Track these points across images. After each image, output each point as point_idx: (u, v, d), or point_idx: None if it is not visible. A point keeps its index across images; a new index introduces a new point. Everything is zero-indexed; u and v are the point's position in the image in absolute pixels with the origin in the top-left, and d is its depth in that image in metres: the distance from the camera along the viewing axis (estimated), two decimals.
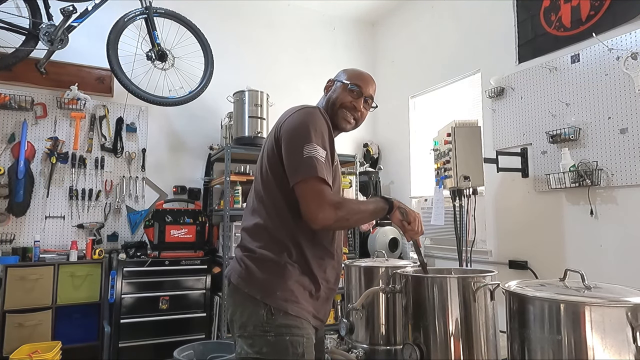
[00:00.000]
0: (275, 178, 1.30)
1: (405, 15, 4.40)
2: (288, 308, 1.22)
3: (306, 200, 1.20)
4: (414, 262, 1.82)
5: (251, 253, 1.30)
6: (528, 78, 3.00)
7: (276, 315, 1.21)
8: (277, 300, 1.22)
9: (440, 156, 2.77)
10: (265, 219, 1.31)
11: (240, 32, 4.17)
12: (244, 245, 1.34)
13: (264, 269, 1.26)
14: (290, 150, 1.25)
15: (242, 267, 1.29)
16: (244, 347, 1.22)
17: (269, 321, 1.20)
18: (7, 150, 3.19)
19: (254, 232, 1.33)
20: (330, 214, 1.19)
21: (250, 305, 1.23)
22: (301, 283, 1.27)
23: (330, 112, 1.43)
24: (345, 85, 1.44)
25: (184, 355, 2.65)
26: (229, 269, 1.36)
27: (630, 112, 2.41)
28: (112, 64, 3.06)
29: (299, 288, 1.26)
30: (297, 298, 1.25)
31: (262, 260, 1.27)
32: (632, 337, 0.83)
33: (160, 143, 3.76)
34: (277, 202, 1.30)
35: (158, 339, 3.08)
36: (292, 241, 1.28)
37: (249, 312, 1.23)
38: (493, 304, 1.13)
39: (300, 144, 1.22)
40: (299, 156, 1.21)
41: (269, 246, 1.28)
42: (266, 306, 1.21)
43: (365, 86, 1.45)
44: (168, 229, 3.26)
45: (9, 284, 2.84)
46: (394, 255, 3.80)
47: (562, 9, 2.78)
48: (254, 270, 1.26)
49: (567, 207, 2.73)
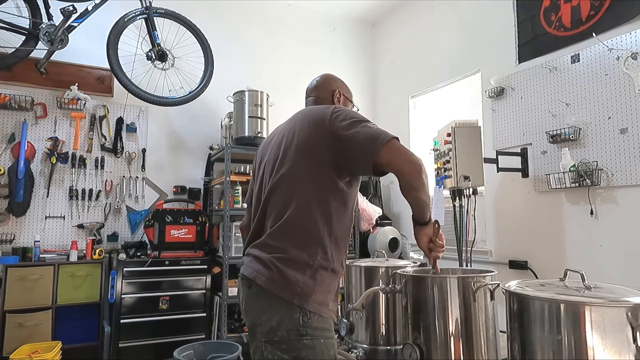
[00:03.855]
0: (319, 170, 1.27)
1: (405, 15, 4.40)
2: (322, 311, 1.22)
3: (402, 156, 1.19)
4: (414, 262, 1.82)
5: (281, 253, 1.24)
6: (528, 78, 3.00)
7: (311, 319, 1.19)
8: (312, 304, 1.20)
9: (440, 156, 2.77)
10: (303, 216, 1.26)
11: (241, 32, 4.17)
12: (269, 243, 1.27)
13: (298, 271, 1.22)
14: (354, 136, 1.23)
15: (271, 269, 1.23)
16: (277, 353, 1.17)
17: (305, 325, 1.18)
18: (7, 150, 3.19)
19: (282, 230, 1.27)
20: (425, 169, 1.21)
21: (282, 309, 1.19)
22: (328, 285, 1.27)
23: None
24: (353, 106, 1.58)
25: (184, 355, 2.65)
26: (251, 270, 1.28)
27: (630, 112, 2.41)
28: (112, 64, 3.06)
29: (327, 290, 1.26)
30: (327, 300, 1.25)
31: (295, 261, 1.23)
32: (632, 337, 0.82)
33: (160, 143, 3.76)
34: (317, 195, 1.26)
35: (158, 339, 3.08)
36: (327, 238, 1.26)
37: (281, 315, 1.19)
38: (493, 304, 1.13)
39: (358, 126, 1.24)
40: (368, 129, 1.22)
41: (302, 246, 1.24)
42: (302, 310, 1.19)
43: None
44: (168, 229, 3.26)
45: (9, 284, 2.83)
46: (394, 255, 3.80)
47: (562, 9, 2.78)
48: (288, 273, 1.21)
49: (567, 207, 2.73)
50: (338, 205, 1.29)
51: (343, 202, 1.31)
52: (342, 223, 1.31)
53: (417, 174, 1.17)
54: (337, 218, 1.28)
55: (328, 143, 1.26)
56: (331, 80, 1.58)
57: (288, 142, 1.34)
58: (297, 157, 1.30)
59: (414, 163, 1.18)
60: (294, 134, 1.33)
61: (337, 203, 1.29)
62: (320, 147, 1.27)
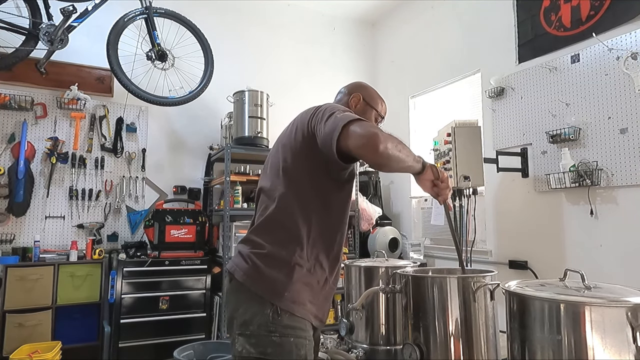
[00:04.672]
0: (302, 169, 1.27)
1: (405, 15, 4.40)
2: (294, 309, 1.20)
3: (357, 134, 1.11)
4: (414, 262, 1.82)
5: (259, 249, 1.26)
6: (528, 78, 3.00)
7: (282, 316, 1.19)
8: (284, 301, 1.20)
9: (440, 156, 2.77)
10: (282, 211, 1.27)
11: (241, 32, 4.17)
12: (251, 239, 1.30)
13: (273, 267, 1.23)
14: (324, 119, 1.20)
15: (248, 264, 1.25)
16: (246, 346, 1.19)
17: (275, 321, 1.18)
18: (7, 150, 3.19)
19: (264, 226, 1.29)
20: (385, 135, 1.11)
21: (255, 304, 1.21)
22: (307, 283, 1.25)
23: None
24: (377, 115, 1.51)
25: (184, 355, 2.65)
26: (232, 264, 1.32)
27: (630, 112, 2.41)
28: (112, 64, 3.06)
29: (305, 289, 1.24)
30: (304, 299, 1.23)
31: (272, 258, 1.24)
32: (632, 337, 0.82)
33: (160, 143, 3.76)
34: (300, 194, 1.27)
35: (158, 339, 3.08)
36: (306, 237, 1.25)
37: (254, 310, 1.21)
38: (493, 304, 1.13)
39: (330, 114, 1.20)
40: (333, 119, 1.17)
41: (281, 243, 1.25)
42: (273, 306, 1.19)
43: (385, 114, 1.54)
44: (168, 229, 3.26)
45: (9, 284, 2.83)
46: (394, 255, 3.80)
47: (562, 9, 2.78)
48: (263, 268, 1.23)
49: (567, 207, 2.73)
50: (320, 205, 1.28)
51: (327, 203, 1.29)
52: (326, 224, 1.29)
53: (374, 152, 1.09)
54: (318, 219, 1.27)
55: (310, 142, 1.25)
56: (357, 86, 1.56)
57: (281, 142, 1.36)
58: (285, 157, 1.31)
59: (367, 143, 1.09)
60: (287, 136, 1.35)
61: (319, 203, 1.27)
62: (304, 146, 1.26)
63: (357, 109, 1.46)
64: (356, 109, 1.46)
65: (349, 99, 1.49)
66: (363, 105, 1.49)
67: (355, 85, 1.55)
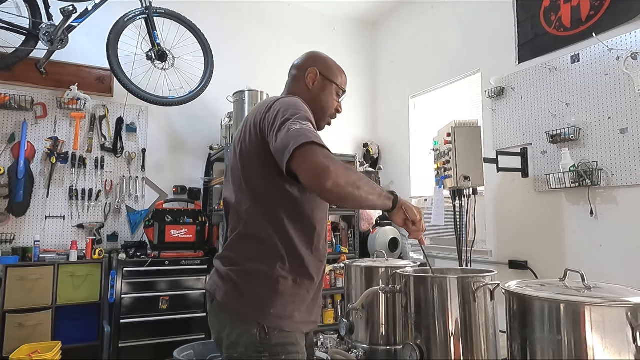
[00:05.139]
0: (262, 177, 1.17)
1: (405, 15, 4.40)
2: (283, 325, 1.14)
3: (307, 165, 1.01)
4: (414, 262, 1.82)
5: (237, 266, 1.18)
6: (528, 78, 3.00)
7: (271, 334, 1.12)
8: (271, 319, 1.13)
9: (440, 156, 2.77)
10: (253, 227, 1.18)
11: (241, 32, 4.17)
12: (227, 256, 1.22)
13: (255, 284, 1.15)
14: (276, 130, 1.09)
15: (228, 283, 1.17)
16: None
17: (263, 341, 1.11)
18: (7, 150, 3.19)
19: (238, 242, 1.21)
20: (341, 170, 1.01)
21: (240, 324, 1.13)
22: (294, 295, 1.18)
23: (315, 112, 1.29)
24: (338, 89, 1.37)
25: (184, 355, 2.65)
26: (212, 283, 1.22)
27: (630, 112, 2.41)
28: (112, 64, 3.06)
29: (292, 301, 1.17)
30: (292, 313, 1.17)
31: (252, 274, 1.16)
32: (632, 337, 0.82)
33: (160, 143, 3.76)
34: (266, 205, 1.18)
35: (158, 339, 3.08)
36: (285, 249, 1.18)
37: (239, 331, 1.13)
38: (493, 304, 1.13)
39: (283, 122, 1.08)
40: (288, 131, 1.05)
41: (258, 257, 1.17)
42: (259, 325, 1.12)
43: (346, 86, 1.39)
44: (168, 229, 3.26)
45: (9, 284, 2.83)
46: (394, 255, 3.80)
47: (562, 9, 2.78)
48: (243, 286, 1.15)
49: (567, 207, 2.73)
50: (290, 212, 1.19)
51: (296, 208, 1.20)
52: (301, 229, 1.21)
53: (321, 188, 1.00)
54: (292, 226, 1.19)
55: (265, 147, 1.15)
56: (310, 58, 1.40)
57: (237, 147, 1.26)
58: (244, 165, 1.21)
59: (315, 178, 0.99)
60: (242, 140, 1.23)
61: (289, 212, 1.19)
62: (260, 151, 1.16)
63: (315, 87, 1.34)
64: (314, 87, 1.34)
65: (305, 76, 1.35)
66: (321, 81, 1.35)
67: (309, 58, 1.40)
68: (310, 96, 1.34)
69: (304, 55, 1.42)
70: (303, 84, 1.35)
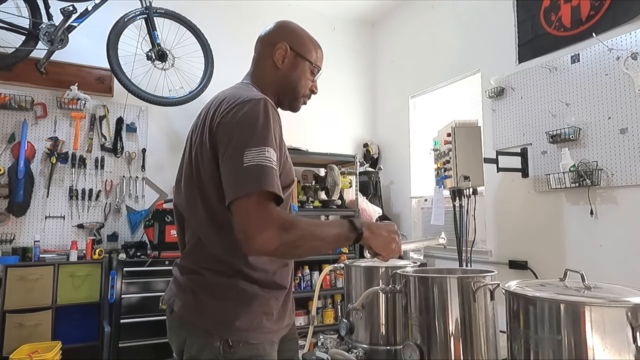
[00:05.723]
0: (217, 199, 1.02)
1: (405, 15, 4.40)
2: (249, 338, 1.03)
3: (244, 219, 0.91)
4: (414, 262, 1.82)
5: (196, 275, 1.07)
6: (528, 78, 3.00)
7: (235, 348, 1.01)
8: (235, 332, 1.02)
9: (440, 156, 2.77)
10: (206, 235, 1.07)
11: (241, 32, 4.16)
12: (186, 265, 1.11)
13: (216, 294, 1.04)
14: (228, 156, 0.96)
15: (187, 293, 1.07)
16: None
17: (227, 355, 1.01)
18: (7, 150, 3.19)
19: (198, 251, 1.09)
20: (274, 235, 0.91)
21: (200, 338, 1.03)
22: (262, 303, 1.07)
23: (287, 95, 1.20)
24: (312, 67, 1.21)
25: None
26: (170, 293, 1.12)
27: (630, 112, 2.41)
28: (112, 64, 3.06)
29: (259, 310, 1.07)
30: (259, 323, 1.06)
31: (212, 284, 1.05)
32: (632, 337, 0.82)
33: (160, 143, 3.76)
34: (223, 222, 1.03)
35: (158, 339, 3.07)
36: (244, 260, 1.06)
37: (200, 344, 1.02)
38: (493, 304, 1.13)
39: (241, 150, 0.94)
40: (238, 165, 0.93)
41: (216, 265, 1.05)
42: (222, 339, 1.01)
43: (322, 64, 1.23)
44: (168, 229, 3.26)
45: (9, 284, 2.83)
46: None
47: (562, 9, 2.78)
48: (203, 297, 1.05)
49: (567, 207, 2.73)
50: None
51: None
52: None
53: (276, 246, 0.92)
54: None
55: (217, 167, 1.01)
56: (279, 30, 1.21)
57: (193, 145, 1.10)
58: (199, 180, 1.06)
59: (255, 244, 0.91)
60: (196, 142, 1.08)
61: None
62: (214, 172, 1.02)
63: (285, 65, 1.18)
64: (283, 66, 1.18)
65: (273, 53, 1.17)
66: (292, 58, 1.18)
67: (278, 30, 1.22)
68: (279, 76, 1.18)
69: (272, 25, 1.23)
70: (271, 61, 1.18)
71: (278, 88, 1.20)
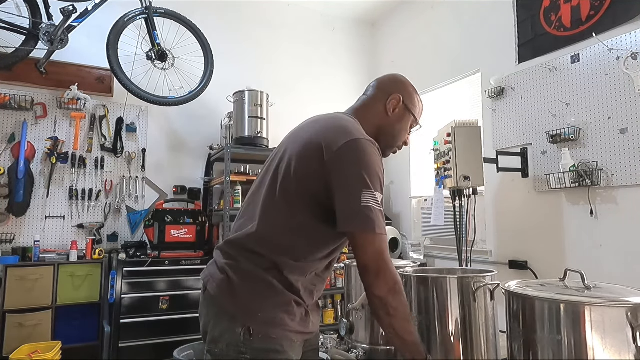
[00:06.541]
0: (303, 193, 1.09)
1: (405, 15, 4.40)
2: (270, 331, 1.07)
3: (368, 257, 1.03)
4: (414, 262, 1.82)
5: (234, 262, 1.13)
6: (528, 78, 3.00)
7: (255, 337, 1.06)
8: (258, 322, 1.07)
9: (440, 156, 2.77)
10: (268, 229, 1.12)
11: (241, 32, 4.17)
12: (227, 251, 1.16)
13: (248, 283, 1.10)
14: (346, 191, 1.04)
15: (222, 276, 1.13)
16: None
17: (246, 342, 1.06)
18: (7, 150, 3.19)
19: (241, 240, 1.15)
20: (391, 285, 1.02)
21: (225, 321, 1.09)
22: (287, 303, 1.11)
23: (386, 141, 1.28)
24: (414, 122, 1.31)
25: (184, 355, 2.65)
26: (207, 274, 1.19)
27: (630, 112, 2.41)
28: (112, 64, 3.06)
29: (283, 309, 1.10)
30: (282, 320, 1.09)
31: (247, 273, 1.11)
32: (632, 337, 0.82)
33: (160, 143, 3.76)
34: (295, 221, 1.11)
35: (158, 339, 3.08)
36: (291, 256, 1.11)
37: (223, 327, 1.09)
38: (493, 304, 1.13)
39: (359, 188, 1.03)
40: (356, 203, 1.02)
41: (256, 258, 1.11)
42: (245, 326, 1.06)
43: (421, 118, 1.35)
44: (168, 229, 3.26)
45: (9, 284, 2.83)
46: (394, 255, 3.80)
47: (562, 9, 2.78)
48: (237, 283, 1.10)
49: (567, 207, 2.73)
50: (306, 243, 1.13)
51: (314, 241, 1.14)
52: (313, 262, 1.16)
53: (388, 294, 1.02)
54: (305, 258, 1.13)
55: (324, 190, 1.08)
56: (394, 81, 1.33)
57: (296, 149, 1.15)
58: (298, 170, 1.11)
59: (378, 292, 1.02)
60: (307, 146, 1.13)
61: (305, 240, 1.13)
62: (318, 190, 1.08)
63: (394, 115, 1.27)
64: (393, 115, 1.26)
65: (387, 102, 1.26)
66: (402, 110, 1.27)
67: (395, 81, 1.32)
68: (386, 123, 1.27)
69: (389, 76, 1.36)
70: (382, 107, 1.27)
71: (380, 132, 1.26)
